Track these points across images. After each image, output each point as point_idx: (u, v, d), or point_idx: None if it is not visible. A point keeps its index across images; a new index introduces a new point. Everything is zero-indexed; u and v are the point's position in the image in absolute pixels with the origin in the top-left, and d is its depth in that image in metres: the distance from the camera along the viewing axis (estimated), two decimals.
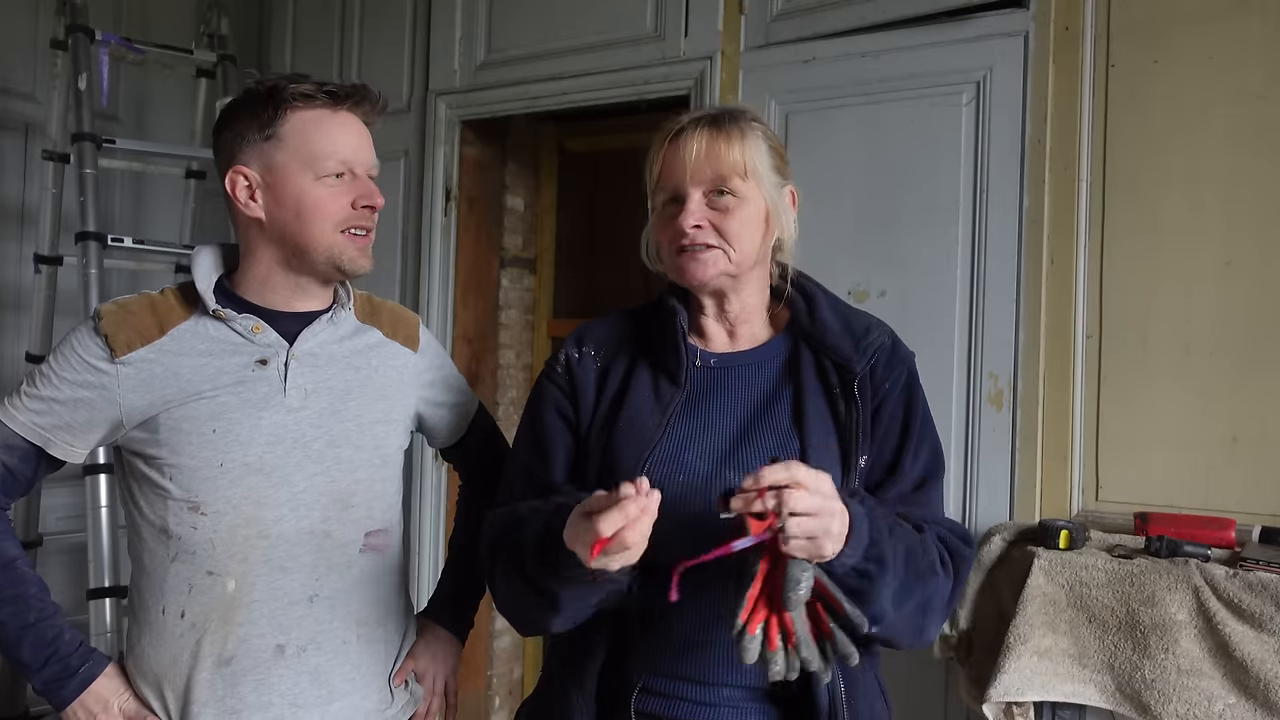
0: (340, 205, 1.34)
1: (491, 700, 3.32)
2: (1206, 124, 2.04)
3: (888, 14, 2.32)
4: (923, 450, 1.27)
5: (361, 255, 1.37)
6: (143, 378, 1.31)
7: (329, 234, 1.34)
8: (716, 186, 1.24)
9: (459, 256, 3.12)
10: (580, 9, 2.81)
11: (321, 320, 1.41)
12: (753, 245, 1.26)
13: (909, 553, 1.13)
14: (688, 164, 1.24)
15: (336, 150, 1.33)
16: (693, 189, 1.24)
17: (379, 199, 1.37)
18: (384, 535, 1.44)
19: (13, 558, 1.33)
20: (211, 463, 1.30)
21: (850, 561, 1.05)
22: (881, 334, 1.29)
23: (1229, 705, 1.69)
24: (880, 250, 2.30)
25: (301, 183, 1.33)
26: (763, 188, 1.26)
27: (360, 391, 1.42)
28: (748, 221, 1.25)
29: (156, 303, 1.37)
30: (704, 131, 1.24)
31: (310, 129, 1.33)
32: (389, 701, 1.46)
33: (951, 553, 1.21)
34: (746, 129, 1.25)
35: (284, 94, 1.33)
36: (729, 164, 1.23)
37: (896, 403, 1.26)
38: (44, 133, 2.80)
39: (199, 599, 1.32)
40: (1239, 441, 1.99)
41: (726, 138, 1.23)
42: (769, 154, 1.27)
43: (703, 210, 1.24)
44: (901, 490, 1.24)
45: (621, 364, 1.32)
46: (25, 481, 1.36)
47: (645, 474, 1.18)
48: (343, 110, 1.36)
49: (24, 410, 1.33)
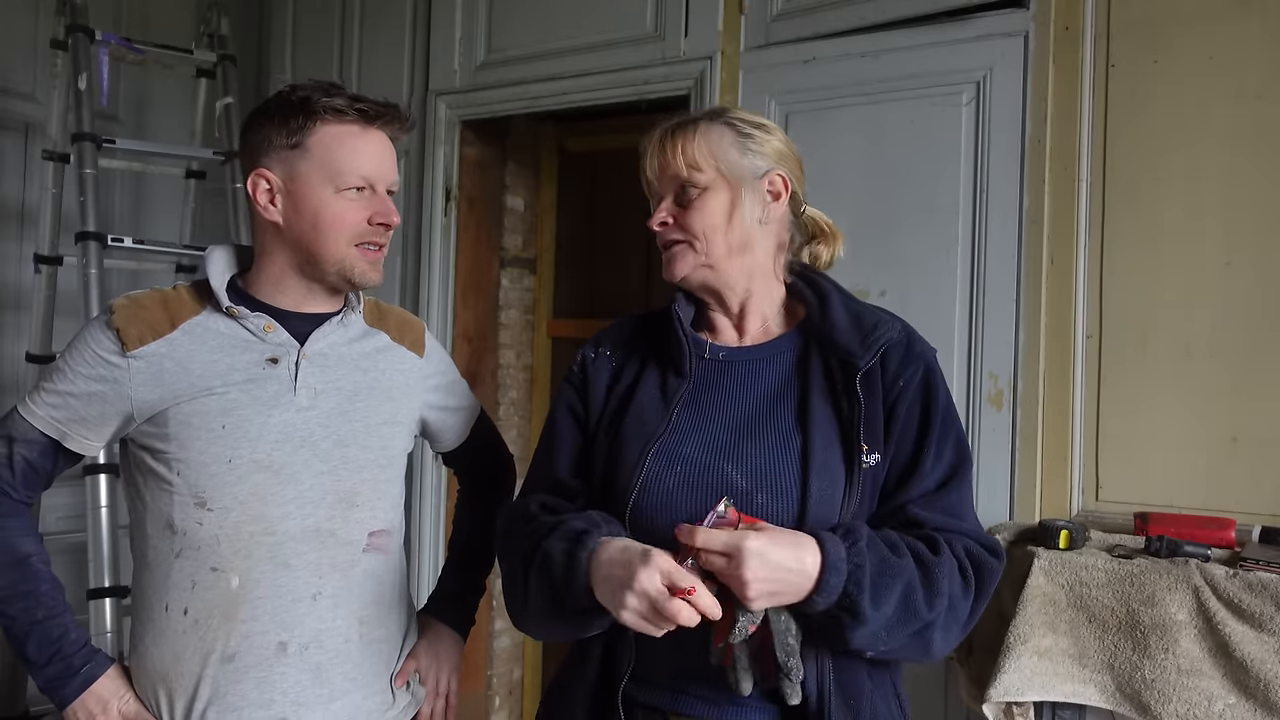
0: (357, 220, 1.36)
1: (491, 700, 3.32)
2: (1206, 124, 2.04)
3: (888, 14, 2.32)
4: (945, 449, 1.24)
5: (372, 269, 1.39)
6: (153, 372, 1.33)
7: (342, 246, 1.36)
8: (679, 187, 1.30)
9: (459, 256, 3.12)
10: (580, 9, 2.81)
11: (332, 322, 1.43)
12: (719, 236, 1.29)
13: (907, 589, 1.12)
14: (653, 174, 1.33)
15: (359, 166, 1.35)
16: (664, 194, 1.32)
17: (395, 217, 1.39)
18: (387, 535, 1.45)
19: (27, 554, 1.35)
20: (220, 459, 1.32)
21: (819, 609, 1.09)
22: (890, 329, 1.28)
23: (1229, 705, 1.69)
24: (880, 250, 2.30)
25: (322, 194, 1.35)
26: (725, 172, 1.29)
27: (368, 393, 1.43)
28: (709, 214, 1.29)
29: (169, 298, 1.38)
30: (657, 142, 1.33)
31: (336, 143, 1.35)
32: (390, 701, 1.46)
33: (976, 567, 1.19)
34: (699, 124, 1.31)
35: (315, 105, 1.35)
36: (677, 165, 1.30)
37: (913, 400, 1.25)
38: (44, 133, 2.80)
39: (202, 595, 1.33)
40: (1239, 442, 1.99)
41: (674, 141, 1.31)
42: (736, 143, 1.30)
43: (669, 209, 1.31)
44: (924, 489, 1.22)
45: (635, 364, 1.35)
46: (46, 475, 1.39)
47: (646, 465, 1.22)
48: (372, 128, 1.38)
49: (42, 405, 1.35)
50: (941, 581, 1.15)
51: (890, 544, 1.15)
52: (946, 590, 1.15)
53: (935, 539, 1.18)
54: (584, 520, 1.19)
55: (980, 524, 1.28)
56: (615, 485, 1.25)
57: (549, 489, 1.33)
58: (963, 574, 1.18)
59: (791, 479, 1.20)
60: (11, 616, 1.33)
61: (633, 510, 1.22)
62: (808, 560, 1.07)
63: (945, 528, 1.20)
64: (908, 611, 1.12)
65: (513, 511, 1.33)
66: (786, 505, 1.19)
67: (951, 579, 1.16)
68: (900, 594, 1.11)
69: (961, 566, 1.18)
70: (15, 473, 1.35)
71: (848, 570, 1.08)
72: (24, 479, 1.36)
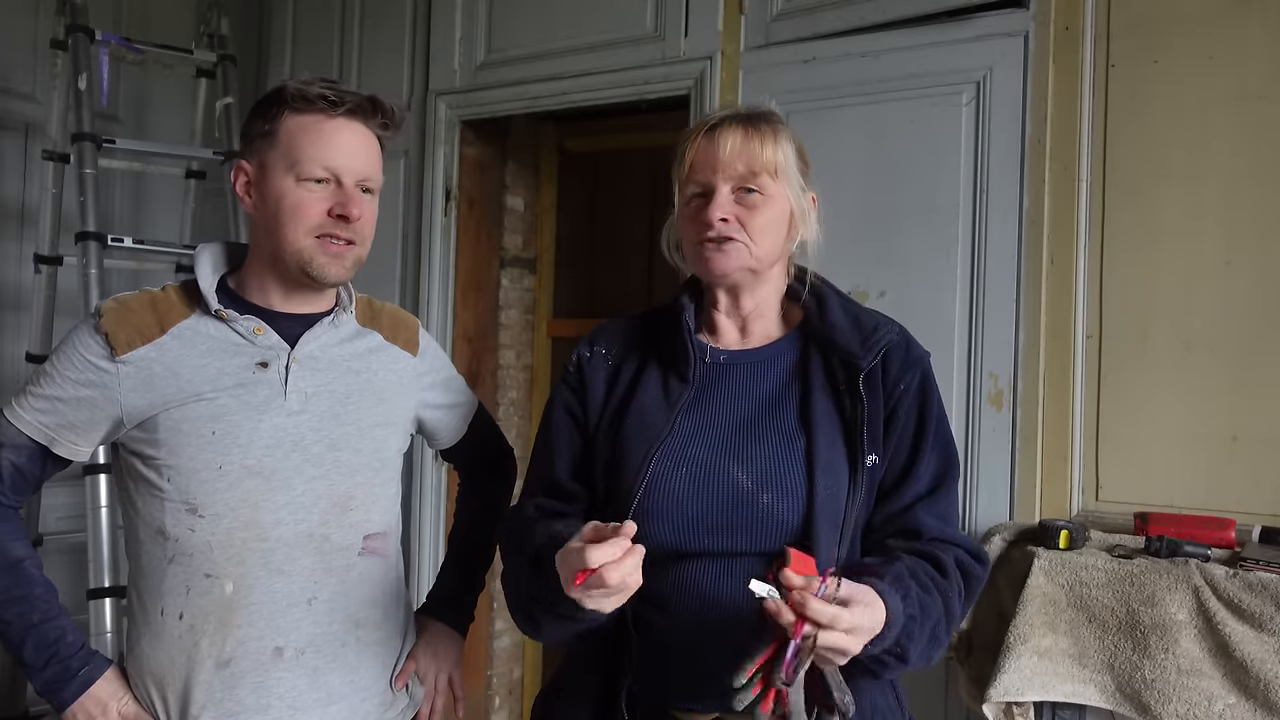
0: (316, 210, 1.32)
1: (491, 700, 3.31)
2: (1206, 124, 2.04)
3: (888, 14, 2.32)
4: (938, 451, 1.27)
5: (333, 263, 1.34)
6: (143, 377, 1.31)
7: (300, 237, 1.32)
8: (746, 183, 1.26)
9: (459, 256, 3.12)
10: (580, 9, 2.81)
11: (323, 323, 1.41)
12: (775, 243, 1.28)
13: (935, 626, 1.16)
14: (720, 158, 1.25)
15: (320, 155, 1.31)
16: (722, 183, 1.26)
17: (354, 209, 1.32)
18: (382, 538, 1.44)
19: (20, 558, 1.34)
20: (210, 465, 1.30)
21: (871, 653, 1.08)
22: (889, 331, 1.29)
23: (1229, 705, 1.68)
24: (880, 250, 2.30)
25: (284, 183, 1.32)
26: (789, 189, 1.28)
27: (360, 395, 1.42)
28: (773, 219, 1.27)
29: (157, 300, 1.36)
30: (739, 128, 1.26)
31: (300, 131, 1.32)
32: (388, 704, 1.46)
33: (965, 575, 1.23)
34: (779, 130, 1.29)
35: (285, 94, 1.33)
36: (761, 161, 1.25)
37: (911, 404, 1.27)
38: (44, 133, 2.80)
39: (197, 601, 1.32)
40: (1239, 441, 1.99)
41: (760, 135, 1.26)
42: (795, 157, 1.30)
43: (730, 204, 1.25)
44: (918, 492, 1.25)
45: (633, 363, 1.34)
46: (34, 480, 1.37)
47: (651, 467, 1.22)
48: (340, 117, 1.33)
49: (29, 409, 1.33)
50: (956, 608, 1.19)
51: (922, 584, 1.16)
52: (959, 615, 1.20)
53: (941, 559, 1.21)
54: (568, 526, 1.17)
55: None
56: (619, 487, 1.24)
57: (547, 492, 1.33)
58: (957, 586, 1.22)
59: (797, 478, 1.21)
60: (7, 621, 1.31)
61: (637, 512, 1.21)
62: (879, 620, 1.07)
63: (942, 537, 1.23)
64: (933, 642, 1.17)
65: (513, 517, 1.33)
66: (793, 505, 1.19)
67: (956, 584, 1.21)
68: (930, 631, 1.15)
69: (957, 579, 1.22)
70: (4, 478, 1.33)
71: (903, 622, 1.11)
72: (13, 484, 1.34)
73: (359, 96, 1.34)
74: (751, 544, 1.19)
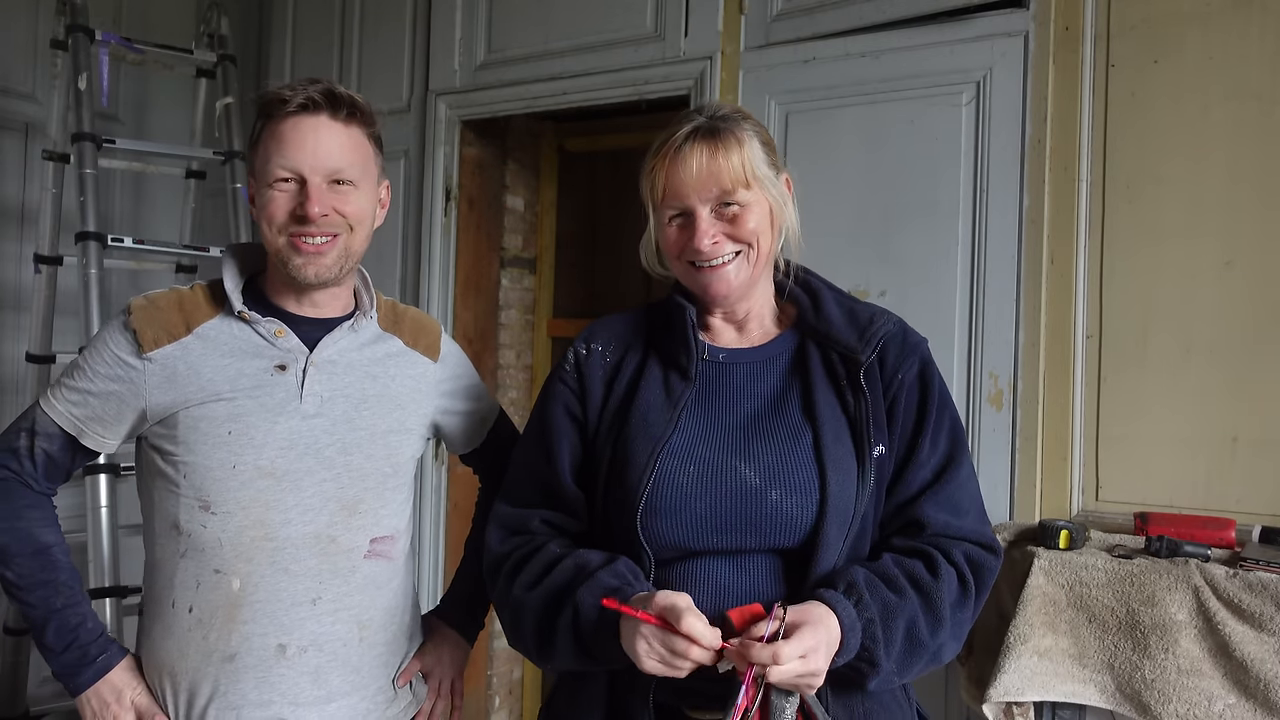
0: (282, 211, 1.34)
1: (491, 700, 3.32)
2: (1206, 124, 2.04)
3: (888, 14, 2.32)
4: (941, 437, 1.26)
5: (308, 263, 1.35)
6: (167, 374, 1.34)
7: (275, 238, 1.36)
8: (723, 199, 1.24)
9: (459, 256, 3.12)
10: (580, 9, 2.81)
11: (342, 328, 1.42)
12: (766, 243, 1.28)
13: (910, 625, 1.15)
14: (690, 181, 1.24)
15: (279, 155, 1.33)
16: (700, 206, 1.25)
17: (312, 208, 1.32)
18: (390, 542, 1.45)
19: (49, 544, 1.37)
20: (225, 464, 1.33)
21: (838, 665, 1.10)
22: (886, 322, 1.29)
23: (1229, 705, 1.69)
24: (880, 250, 2.30)
25: (259, 188, 1.37)
26: (765, 189, 1.27)
27: (376, 400, 1.43)
28: (759, 222, 1.26)
29: (185, 299, 1.39)
30: (702, 145, 1.24)
31: (269, 136, 1.35)
32: (390, 701, 1.46)
33: (975, 570, 1.22)
34: (740, 133, 1.26)
35: (262, 104, 1.37)
36: (732, 176, 1.23)
37: (911, 392, 1.27)
38: (44, 133, 2.80)
39: (206, 595, 1.34)
40: (1239, 441, 1.99)
41: (725, 147, 1.24)
42: (763, 150, 1.28)
43: (713, 225, 1.25)
44: (923, 480, 1.24)
45: (632, 360, 1.33)
46: (64, 470, 1.41)
47: (657, 466, 1.21)
48: (295, 115, 1.33)
49: (62, 400, 1.37)
50: (943, 608, 1.18)
51: (888, 581, 1.17)
52: (948, 616, 1.18)
53: (933, 557, 1.20)
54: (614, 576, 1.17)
55: (984, 514, 1.30)
56: (623, 487, 1.23)
57: (547, 498, 1.31)
58: (962, 582, 1.21)
59: (808, 474, 1.20)
60: (31, 604, 1.35)
61: (644, 512, 1.20)
62: (834, 632, 1.09)
63: (947, 530, 1.22)
64: (914, 644, 1.16)
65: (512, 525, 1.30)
66: (802, 499, 1.19)
67: (952, 595, 1.19)
68: (904, 631, 1.15)
69: (961, 575, 1.21)
70: (37, 465, 1.37)
71: (861, 626, 1.12)
72: (45, 471, 1.38)
73: (308, 91, 1.34)
74: (760, 541, 1.20)
